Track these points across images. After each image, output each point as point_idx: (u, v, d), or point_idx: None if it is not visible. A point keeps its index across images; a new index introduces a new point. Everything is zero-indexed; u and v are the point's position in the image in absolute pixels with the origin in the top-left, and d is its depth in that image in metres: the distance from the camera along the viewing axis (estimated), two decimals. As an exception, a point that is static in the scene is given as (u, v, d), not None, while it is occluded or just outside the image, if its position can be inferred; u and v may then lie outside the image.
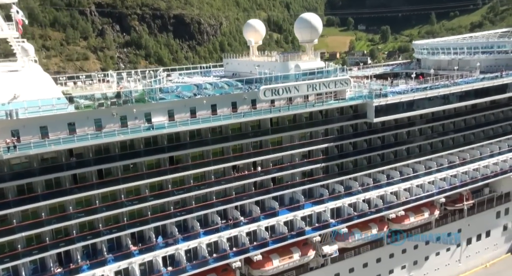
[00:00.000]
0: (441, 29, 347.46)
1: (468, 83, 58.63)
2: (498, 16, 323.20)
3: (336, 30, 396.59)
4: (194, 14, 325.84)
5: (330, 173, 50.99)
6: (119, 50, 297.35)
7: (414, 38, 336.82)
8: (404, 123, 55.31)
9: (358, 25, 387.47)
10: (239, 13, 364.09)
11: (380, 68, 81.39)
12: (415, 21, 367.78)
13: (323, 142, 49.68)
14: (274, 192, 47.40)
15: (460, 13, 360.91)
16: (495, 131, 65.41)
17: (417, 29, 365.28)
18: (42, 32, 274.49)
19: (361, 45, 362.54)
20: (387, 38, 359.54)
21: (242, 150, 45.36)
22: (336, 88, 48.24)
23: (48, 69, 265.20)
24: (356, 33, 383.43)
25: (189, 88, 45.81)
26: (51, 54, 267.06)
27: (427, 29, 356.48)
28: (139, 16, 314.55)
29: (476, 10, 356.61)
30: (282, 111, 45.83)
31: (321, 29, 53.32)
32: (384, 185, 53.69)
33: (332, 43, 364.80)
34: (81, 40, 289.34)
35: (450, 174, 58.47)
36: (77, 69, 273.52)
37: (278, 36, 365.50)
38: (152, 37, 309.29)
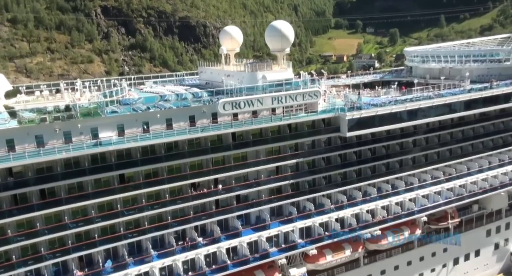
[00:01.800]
0: (451, 32, 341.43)
1: (454, 94, 55.26)
2: (508, 19, 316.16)
3: (344, 33, 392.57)
4: (200, 17, 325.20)
5: (300, 190, 48.13)
6: (124, 53, 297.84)
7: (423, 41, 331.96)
8: (382, 137, 52.20)
9: (367, 27, 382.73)
10: (245, 16, 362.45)
11: (370, 76, 78.20)
12: (425, 24, 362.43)
13: (293, 158, 46.88)
14: (238, 211, 44.68)
15: (470, 16, 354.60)
16: (485, 144, 61.76)
17: (426, 32, 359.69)
18: (48, 35, 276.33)
19: (369, 48, 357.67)
20: (395, 41, 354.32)
21: (201, 166, 42.78)
22: (304, 101, 45.45)
23: (52, 72, 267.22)
24: (364, 36, 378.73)
25: (153, 100, 43.60)
26: (56, 57, 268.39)
27: (436, 32, 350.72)
28: (144, 19, 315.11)
29: (487, 13, 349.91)
30: (245, 125, 43.16)
31: (293, 38, 50.50)
32: (359, 202, 50.61)
33: (340, 46, 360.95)
34: (86, 43, 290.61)
35: (433, 191, 55.09)
36: (81, 72, 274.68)
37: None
38: (157, 40, 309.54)
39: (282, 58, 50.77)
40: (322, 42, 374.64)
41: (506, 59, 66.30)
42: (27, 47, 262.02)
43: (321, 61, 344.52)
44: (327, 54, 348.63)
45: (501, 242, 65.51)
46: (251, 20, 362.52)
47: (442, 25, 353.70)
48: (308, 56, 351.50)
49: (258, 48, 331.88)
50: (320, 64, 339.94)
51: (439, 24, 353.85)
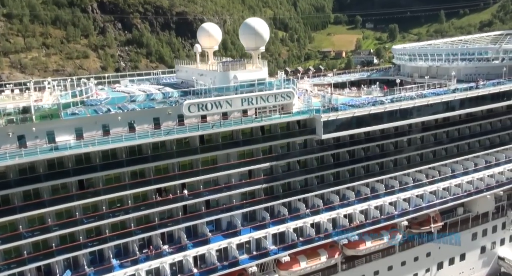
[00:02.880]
0: (450, 28, 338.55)
1: (438, 94, 53.31)
2: (508, 14, 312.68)
3: (344, 29, 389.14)
4: (197, 12, 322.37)
5: (274, 194, 46.43)
6: (120, 48, 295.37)
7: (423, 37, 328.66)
8: (361, 139, 50.36)
9: (366, 23, 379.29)
10: (244, 11, 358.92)
11: (357, 74, 76.19)
12: (424, 20, 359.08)
13: (266, 161, 45.09)
14: (208, 216, 43.00)
15: (470, 11, 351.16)
16: (471, 146, 59.87)
17: (426, 27, 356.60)
18: (43, 30, 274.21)
19: (368, 44, 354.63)
20: (395, 36, 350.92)
21: (167, 171, 41.06)
22: (277, 102, 43.60)
23: (47, 67, 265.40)
24: (364, 32, 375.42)
25: (121, 100, 41.94)
26: (51, 52, 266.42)
27: (436, 27, 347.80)
28: (141, 14, 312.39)
29: (487, 9, 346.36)
30: (214, 127, 41.38)
31: (268, 36, 48.58)
32: (337, 206, 48.85)
33: (339, 42, 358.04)
34: (82, 38, 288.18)
35: (415, 194, 53.30)
36: (76, 67, 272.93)
37: (283, 34, 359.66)
38: (154, 35, 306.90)
39: (257, 57, 48.86)
40: (321, 38, 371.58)
41: (494, 58, 64.31)
42: (22, 42, 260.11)
43: (320, 57, 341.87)
44: (326, 50, 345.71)
45: (488, 245, 63.85)
46: (249, 15, 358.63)
47: (442, 20, 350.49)
48: (307, 52, 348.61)
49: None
50: (319, 60, 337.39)
51: (439, 19, 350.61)
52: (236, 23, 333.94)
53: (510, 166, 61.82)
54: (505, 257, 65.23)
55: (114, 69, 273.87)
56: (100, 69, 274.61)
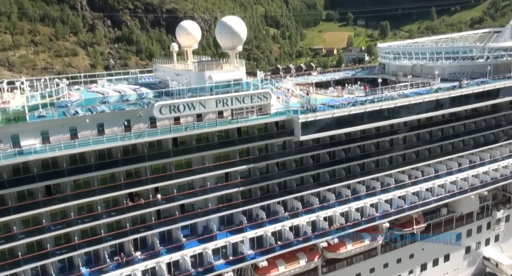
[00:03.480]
0: (441, 25, 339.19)
1: (420, 94, 52.46)
2: (499, 11, 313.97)
3: (335, 26, 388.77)
4: (188, 9, 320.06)
5: (252, 197, 45.36)
6: (110, 45, 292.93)
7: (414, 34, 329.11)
8: (342, 140, 49.42)
9: (358, 20, 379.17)
10: (235, 8, 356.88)
11: (341, 73, 75.22)
12: (416, 17, 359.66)
13: (243, 163, 44.01)
14: (182, 221, 41.83)
15: (461, 8, 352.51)
16: (455, 146, 59.16)
17: (417, 24, 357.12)
18: (32, 27, 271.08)
19: (360, 41, 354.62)
20: (386, 34, 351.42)
21: (139, 175, 39.82)
22: (253, 103, 42.46)
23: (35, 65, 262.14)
24: (355, 29, 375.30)
25: (93, 101, 40.64)
26: (39, 50, 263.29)
27: (427, 24, 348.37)
28: (131, 11, 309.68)
29: (477, 6, 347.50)
30: (188, 130, 40.17)
31: (245, 35, 47.36)
32: (316, 209, 47.90)
33: (330, 39, 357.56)
34: (71, 35, 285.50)
35: (397, 195, 52.49)
36: (65, 65, 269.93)
37: (275, 32, 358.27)
38: (144, 33, 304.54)
39: (235, 56, 47.65)
40: (312, 35, 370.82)
41: (479, 57, 63.58)
42: (10, 40, 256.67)
43: (311, 54, 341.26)
44: (317, 47, 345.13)
45: (473, 245, 63.38)
46: (240, 12, 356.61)
47: (433, 17, 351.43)
48: (298, 49, 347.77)
49: (247, 41, 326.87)
50: (310, 57, 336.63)
51: (430, 16, 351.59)
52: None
53: (495, 166, 61.28)
54: (490, 257, 64.84)
55: (103, 66, 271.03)
56: (89, 67, 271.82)
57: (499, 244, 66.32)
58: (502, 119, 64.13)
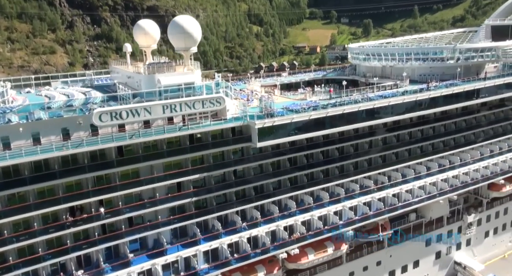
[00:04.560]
0: (424, 23, 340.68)
1: (386, 97, 50.63)
2: (480, 10, 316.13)
3: (319, 24, 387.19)
4: (169, 6, 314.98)
5: (207, 207, 43.00)
6: (89, 43, 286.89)
7: (396, 32, 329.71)
8: (303, 145, 47.37)
9: (341, 18, 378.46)
10: (218, 5, 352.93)
11: (312, 74, 73.23)
12: (398, 15, 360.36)
13: (197, 172, 41.56)
14: (130, 235, 39.22)
15: (443, 7, 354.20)
16: (424, 149, 57.68)
17: (400, 23, 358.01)
18: (8, 24, 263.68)
19: (343, 39, 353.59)
20: (369, 32, 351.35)
21: (81, 187, 37.11)
22: (205, 109, 40.01)
23: (12, 63, 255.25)
24: (339, 27, 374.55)
25: (37, 106, 37.77)
26: (16, 47, 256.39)
27: (409, 23, 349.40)
28: (110, 8, 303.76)
29: (459, 4, 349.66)
30: (133, 137, 37.55)
31: (199, 35, 44.79)
32: (276, 218, 45.75)
33: (314, 37, 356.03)
34: (49, 32, 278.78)
35: (362, 202, 50.70)
36: (42, 63, 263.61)
37: (258, 29, 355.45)
38: (124, 30, 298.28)
39: (189, 58, 45.10)
40: (296, 33, 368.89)
41: (449, 58, 62.14)
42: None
43: (295, 52, 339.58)
44: (301, 45, 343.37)
45: (443, 250, 62.07)
46: (223, 9, 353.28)
47: (415, 16, 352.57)
48: (282, 47, 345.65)
49: (230, 39, 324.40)
50: (293, 55, 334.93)
51: (413, 15, 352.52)
52: (209, 18, 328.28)
53: (465, 169, 60.00)
54: (461, 262, 63.67)
55: (82, 65, 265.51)
56: (67, 65, 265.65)
57: (471, 248, 65.23)
58: (473, 121, 62.96)
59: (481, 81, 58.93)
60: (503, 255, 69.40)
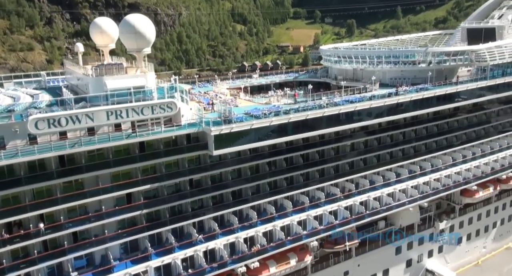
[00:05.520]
0: (407, 24, 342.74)
1: (352, 102, 48.71)
2: (462, 11, 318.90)
3: (303, 23, 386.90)
4: (151, 3, 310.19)
5: (160, 219, 40.46)
6: (68, 40, 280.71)
7: (379, 32, 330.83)
8: (265, 152, 45.17)
9: (325, 18, 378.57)
10: (201, 3, 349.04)
11: (283, 76, 71.12)
12: (382, 16, 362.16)
13: (147, 182, 38.99)
14: (73, 252, 36.44)
15: (426, 8, 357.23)
16: (394, 155, 56.02)
17: (383, 23, 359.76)
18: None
19: (327, 39, 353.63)
20: (353, 32, 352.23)
21: (18, 201, 34.25)
22: (154, 115, 37.43)
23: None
24: (323, 26, 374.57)
25: None
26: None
27: (392, 23, 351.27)
28: (90, 4, 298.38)
29: (442, 6, 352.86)
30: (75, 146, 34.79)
31: (152, 35, 42.03)
32: (236, 229, 43.46)
33: (298, 36, 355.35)
34: (26, 29, 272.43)
35: (327, 211, 48.72)
36: (19, 60, 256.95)
37: (242, 28, 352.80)
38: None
39: (142, 60, 42.43)
40: (280, 32, 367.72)
41: (421, 61, 60.63)
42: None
43: (278, 52, 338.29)
44: (284, 44, 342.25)
45: (415, 258, 60.65)
46: (206, 7, 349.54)
47: (398, 17, 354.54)
48: (265, 46, 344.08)
49: (213, 37, 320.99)
50: (277, 55, 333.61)
51: (396, 16, 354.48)
52: (192, 16, 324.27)
53: (436, 175, 58.57)
54: (433, 269, 62.37)
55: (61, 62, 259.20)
56: (45, 62, 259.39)
57: (443, 255, 64.00)
58: (445, 126, 61.59)
59: (453, 85, 57.49)
60: (477, 261, 68.46)
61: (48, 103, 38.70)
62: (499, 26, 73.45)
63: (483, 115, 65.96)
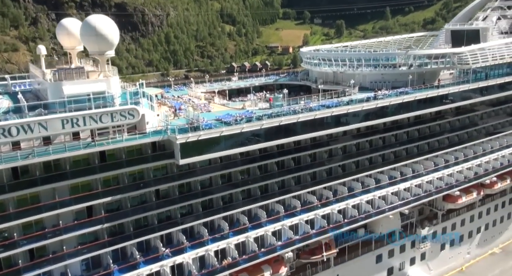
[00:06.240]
0: (395, 25, 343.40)
1: (329, 107, 46.98)
2: (450, 13, 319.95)
3: (292, 24, 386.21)
4: (138, 3, 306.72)
5: (125, 233, 38.32)
6: (54, 40, 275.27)
7: (368, 33, 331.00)
8: (237, 160, 43.22)
9: (314, 19, 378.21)
10: (189, 3, 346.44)
11: (263, 78, 69.26)
12: (371, 17, 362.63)
13: (110, 194, 36.86)
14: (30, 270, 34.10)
15: (415, 9, 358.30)
16: (373, 160, 54.41)
17: (372, 24, 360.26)
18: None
19: (316, 40, 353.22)
20: (342, 33, 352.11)
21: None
22: (114, 123, 35.34)
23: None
24: (312, 27, 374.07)
25: None
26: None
27: (381, 24, 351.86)
28: (77, 4, 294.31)
29: (431, 6, 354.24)
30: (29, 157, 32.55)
31: (115, 38, 39.83)
32: (207, 242, 41.46)
33: (287, 37, 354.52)
34: (11, 29, 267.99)
35: (304, 220, 46.92)
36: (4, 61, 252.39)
37: (231, 29, 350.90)
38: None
39: (106, 63, 40.25)
40: (269, 33, 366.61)
41: (402, 64, 59.13)
42: None
43: (267, 52, 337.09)
44: (273, 45, 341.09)
45: (396, 266, 59.16)
46: (195, 8, 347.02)
47: (387, 17, 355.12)
48: (254, 47, 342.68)
49: (201, 38, 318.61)
50: (266, 55, 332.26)
51: (385, 16, 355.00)
52: (180, 16, 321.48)
53: (418, 181, 57.12)
54: (415, 277, 61.01)
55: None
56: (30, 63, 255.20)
57: (426, 263, 62.62)
58: (427, 131, 60.15)
59: (434, 89, 56.05)
60: (461, 268, 67.23)
61: (6, 109, 36.39)
62: (483, 27, 72.43)
63: (466, 119, 64.60)
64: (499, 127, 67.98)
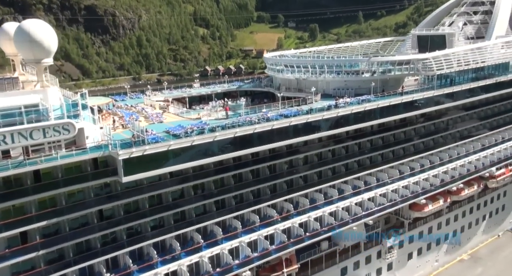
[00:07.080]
0: (368, 29, 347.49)
1: (288, 116, 44.97)
2: (421, 17, 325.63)
3: (266, 27, 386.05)
4: (109, 5, 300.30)
5: (64, 259, 35.11)
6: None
7: (342, 37, 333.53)
8: (189, 174, 40.65)
9: (288, 22, 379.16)
10: (162, 6, 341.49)
11: (226, 85, 66.90)
12: (344, 20, 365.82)
13: (45, 217, 33.65)
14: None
15: (387, 13, 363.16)
16: (337, 170, 52.64)
17: (345, 28, 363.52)
18: None
19: (290, 43, 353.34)
20: (315, 36, 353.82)
21: None
22: (47, 139, 32.26)
23: None
24: (286, 30, 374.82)
25: None
26: None
27: (354, 28, 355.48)
28: (45, 7, 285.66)
29: (402, 11, 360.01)
30: None
31: (53, 44, 36.48)
32: (156, 264, 38.64)
33: (261, 40, 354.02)
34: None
35: (263, 235, 44.68)
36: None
37: (204, 32, 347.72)
38: (60, 30, 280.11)
39: (44, 72, 37.02)
40: (243, 36, 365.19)
41: (365, 71, 57.81)
42: None
43: (242, 56, 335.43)
44: (248, 48, 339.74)
45: (363, 277, 57.66)
46: (168, 10, 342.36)
47: (360, 21, 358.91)
48: (229, 50, 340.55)
49: (174, 41, 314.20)
50: (240, 59, 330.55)
51: (358, 20, 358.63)
52: (152, 19, 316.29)
53: (382, 190, 55.74)
54: (382, 288, 59.63)
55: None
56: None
57: (393, 273, 61.36)
58: (391, 138, 58.95)
59: (398, 96, 54.87)
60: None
61: None
62: (449, 33, 72.25)
63: (432, 126, 63.85)
64: (465, 133, 67.60)
